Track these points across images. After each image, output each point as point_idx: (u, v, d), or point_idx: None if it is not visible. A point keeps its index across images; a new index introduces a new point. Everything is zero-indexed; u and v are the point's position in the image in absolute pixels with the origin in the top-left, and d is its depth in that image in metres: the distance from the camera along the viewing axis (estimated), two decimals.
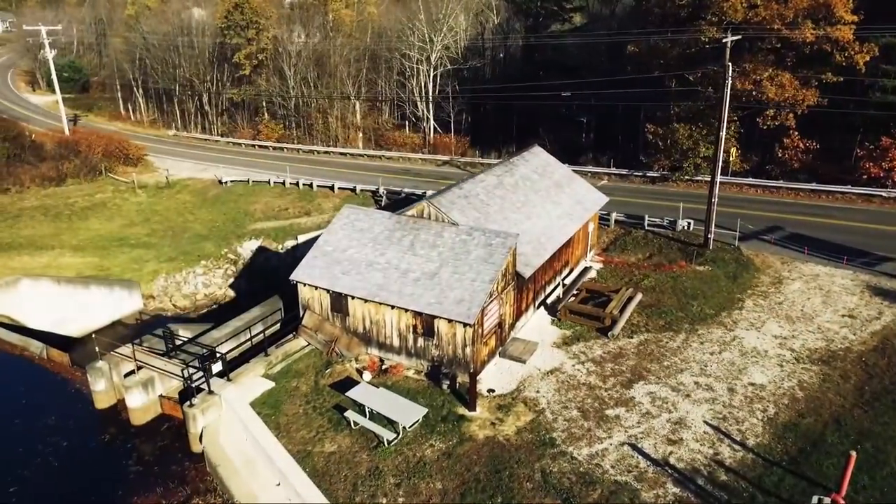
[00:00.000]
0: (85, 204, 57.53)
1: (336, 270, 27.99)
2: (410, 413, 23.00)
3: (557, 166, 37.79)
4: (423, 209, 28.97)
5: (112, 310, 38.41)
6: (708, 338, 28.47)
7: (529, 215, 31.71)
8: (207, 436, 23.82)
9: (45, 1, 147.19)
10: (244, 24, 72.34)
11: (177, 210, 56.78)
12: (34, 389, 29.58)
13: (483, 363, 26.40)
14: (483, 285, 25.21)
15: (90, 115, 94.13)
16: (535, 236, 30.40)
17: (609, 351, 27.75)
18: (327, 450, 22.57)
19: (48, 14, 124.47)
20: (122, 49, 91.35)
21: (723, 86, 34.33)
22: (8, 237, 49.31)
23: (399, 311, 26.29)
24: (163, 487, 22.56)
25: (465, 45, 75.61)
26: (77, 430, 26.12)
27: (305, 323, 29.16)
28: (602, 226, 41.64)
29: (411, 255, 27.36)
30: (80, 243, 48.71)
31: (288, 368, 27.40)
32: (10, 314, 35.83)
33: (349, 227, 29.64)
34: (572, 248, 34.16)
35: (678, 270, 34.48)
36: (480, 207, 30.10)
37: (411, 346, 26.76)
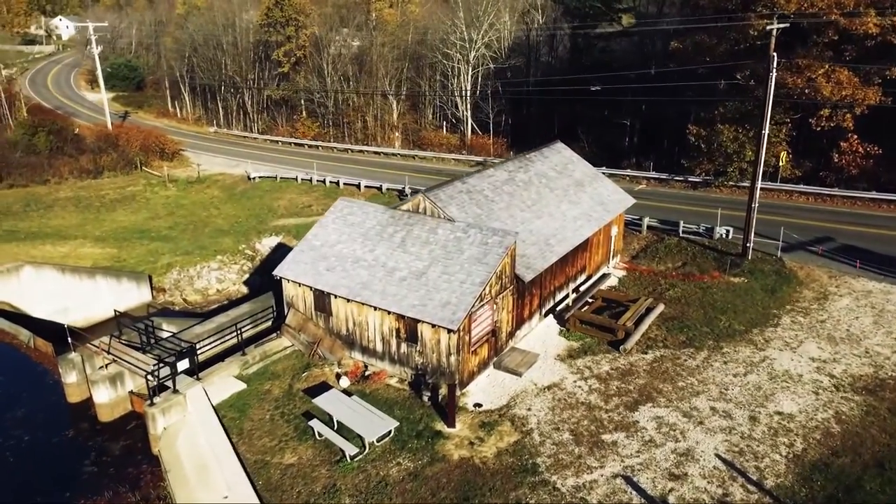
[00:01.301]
0: (115, 196, 57.67)
1: (321, 266, 25.96)
2: (378, 426, 20.66)
3: (580, 164, 34.86)
4: (419, 203, 26.67)
5: (118, 301, 37.50)
6: (733, 357, 25.08)
7: (540, 214, 28.97)
8: (166, 438, 22.07)
9: (115, 5, 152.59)
10: (284, 21, 71.89)
11: (202, 204, 56.24)
12: (13, 379, 28.65)
13: (471, 374, 23.82)
14: (472, 288, 22.67)
15: (140, 111, 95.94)
16: (543, 237, 27.65)
17: (618, 367, 24.72)
18: (286, 461, 20.45)
19: (112, 16, 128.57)
20: (172, 48, 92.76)
21: (766, 79, 30.80)
22: (36, 226, 49.57)
23: (382, 312, 24.03)
24: (112, 491, 20.89)
25: (508, 45, 73.26)
26: (43, 424, 24.85)
27: (289, 322, 27.23)
28: (633, 231, 38.43)
29: (401, 251, 25.07)
30: (103, 234, 48.47)
31: (264, 370, 25.49)
32: (11, 301, 35.38)
33: (341, 221, 27.60)
34: (590, 253, 31.19)
35: (709, 281, 31.04)
36: (483, 204, 27.57)
37: (394, 352, 24.43)
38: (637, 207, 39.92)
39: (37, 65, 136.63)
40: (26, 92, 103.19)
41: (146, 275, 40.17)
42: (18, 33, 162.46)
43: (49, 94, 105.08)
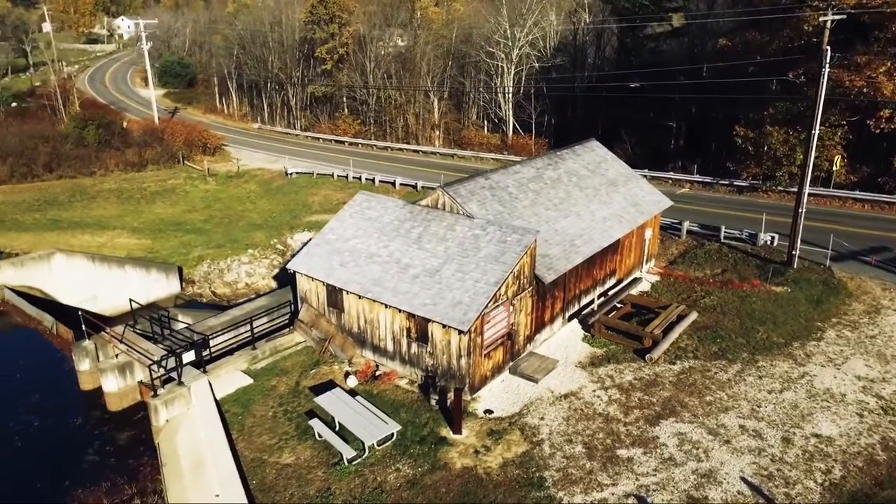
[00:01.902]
0: (156, 189, 58.52)
1: (335, 261, 25.18)
2: (379, 429, 19.68)
3: (615, 163, 33.22)
4: (438, 198, 25.63)
5: (147, 291, 37.70)
6: (769, 372, 23.18)
7: (567, 214, 27.54)
8: (167, 430, 21.60)
9: (174, 5, 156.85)
10: (328, 19, 71.96)
11: (239, 199, 56.54)
12: (33, 364, 28.82)
13: (484, 379, 22.61)
14: (486, 287, 21.49)
15: (189, 108, 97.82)
16: (568, 238, 26.23)
17: (642, 377, 23.14)
18: (283, 461, 19.68)
19: (168, 16, 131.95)
20: (221, 46, 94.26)
21: (819, 75, 28.65)
22: (78, 216, 50.58)
23: (393, 310, 23.07)
24: (111, 482, 20.52)
25: (554, 44, 71.67)
26: (54, 411, 24.78)
27: (301, 317, 26.55)
28: (671, 235, 36.54)
29: (416, 248, 24.07)
30: (140, 225, 49.09)
31: (273, 365, 24.86)
32: (42, 287, 35.82)
33: (358, 216, 26.80)
34: (620, 256, 29.58)
35: (749, 289, 29.03)
36: (507, 201, 26.33)
37: (405, 352, 23.43)
38: (678, 211, 38.12)
39: (97, 63, 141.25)
40: (84, 88, 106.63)
41: (175, 266, 40.28)
42: (83, 33, 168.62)
43: (105, 90, 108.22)
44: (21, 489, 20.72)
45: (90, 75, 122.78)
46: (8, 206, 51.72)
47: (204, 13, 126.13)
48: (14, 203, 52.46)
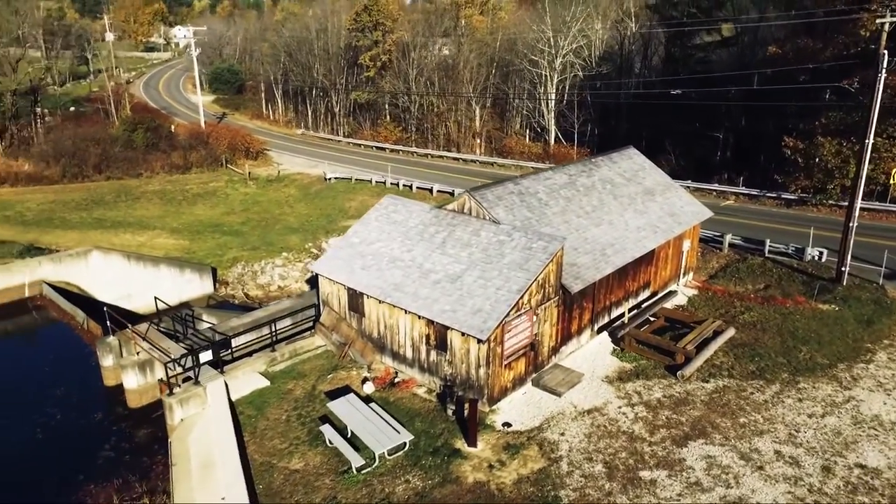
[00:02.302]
0: (198, 191, 59.45)
1: (357, 265, 24.73)
2: (389, 438, 19.02)
3: (653, 171, 31.99)
4: (464, 203, 24.97)
5: (180, 291, 38.09)
6: (811, 394, 21.65)
7: (599, 222, 26.51)
8: (180, 429, 21.39)
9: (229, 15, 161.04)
10: (371, 26, 72.33)
11: (277, 202, 56.97)
12: (62, 358, 29.20)
13: (504, 390, 21.74)
14: (508, 295, 20.68)
15: (236, 113, 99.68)
16: (599, 246, 25.20)
17: (672, 395, 21.91)
18: (293, 466, 19.20)
19: (221, 25, 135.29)
20: (268, 53, 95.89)
21: (874, 81, 26.97)
22: (122, 216, 51.66)
23: (412, 316, 22.44)
24: (122, 479, 20.39)
25: (599, 53, 70.44)
26: (77, 405, 24.96)
27: (323, 320, 26.17)
28: (713, 248, 35.02)
29: (440, 253, 23.43)
30: (179, 226, 49.80)
31: (292, 368, 24.50)
32: (79, 284, 36.53)
33: (384, 219, 26.33)
34: (655, 267, 28.33)
35: (792, 306, 27.41)
36: (536, 207, 25.47)
37: (424, 360, 22.75)
38: (721, 224, 36.61)
39: (153, 70, 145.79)
40: (139, 93, 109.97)
41: (209, 267, 40.59)
42: (142, 42, 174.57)
43: (158, 95, 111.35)
44: (36, 482, 20.79)
45: (145, 81, 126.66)
46: (58, 204, 53.19)
47: (255, 22, 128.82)
48: (63, 202, 53.94)
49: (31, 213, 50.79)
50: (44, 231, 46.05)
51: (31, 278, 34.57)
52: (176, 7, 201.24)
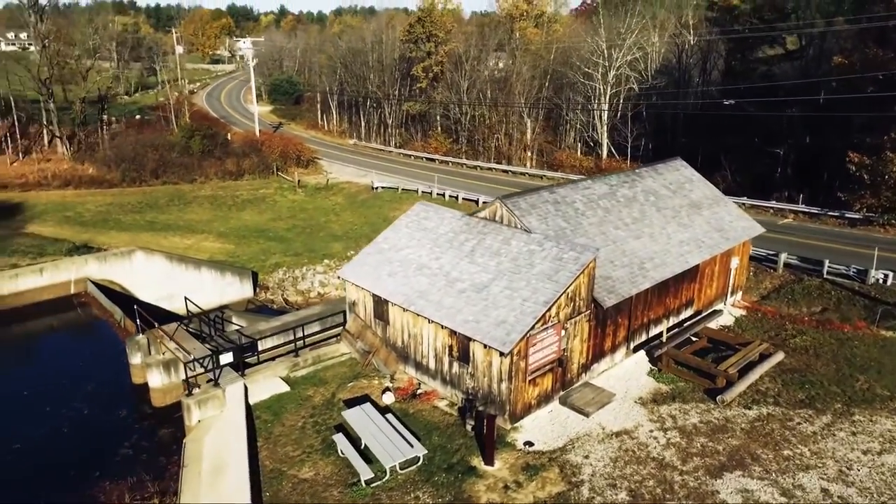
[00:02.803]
0: (248, 197, 60.40)
1: (384, 271, 24.13)
2: (401, 451, 18.19)
3: (700, 184, 30.36)
4: (496, 211, 24.10)
5: (220, 294, 38.40)
6: (867, 428, 19.75)
7: (639, 235, 25.17)
8: (197, 431, 21.13)
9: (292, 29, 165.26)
10: (424, 37, 72.49)
11: (324, 210, 57.30)
12: (97, 355, 29.62)
13: (527, 407, 20.64)
14: (534, 307, 19.66)
15: (292, 123, 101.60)
16: (637, 260, 23.87)
17: (709, 420, 20.36)
18: (302, 475, 18.60)
19: (283, 38, 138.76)
20: (325, 65, 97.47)
21: None
22: (173, 219, 52.84)
23: (436, 326, 21.64)
24: (137, 478, 20.23)
25: (656, 66, 68.55)
26: (104, 401, 25.16)
27: (348, 327, 25.64)
28: (766, 268, 33.05)
29: (468, 261, 22.60)
30: (226, 231, 50.56)
31: (313, 374, 24.01)
32: (122, 283, 37.24)
33: (414, 225, 25.70)
34: (699, 284, 26.72)
35: (851, 332, 25.35)
36: (571, 217, 24.37)
37: (446, 372, 21.89)
38: (777, 242, 34.68)
39: (217, 81, 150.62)
40: (201, 103, 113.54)
41: (249, 271, 40.82)
42: (208, 54, 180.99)
43: (220, 105, 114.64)
44: (55, 474, 20.88)
45: (209, 92, 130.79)
46: (114, 207, 54.81)
47: (317, 36, 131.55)
48: (120, 205, 55.57)
49: (89, 213, 52.47)
50: (99, 231, 47.37)
51: (76, 275, 35.43)
52: (243, 22, 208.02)
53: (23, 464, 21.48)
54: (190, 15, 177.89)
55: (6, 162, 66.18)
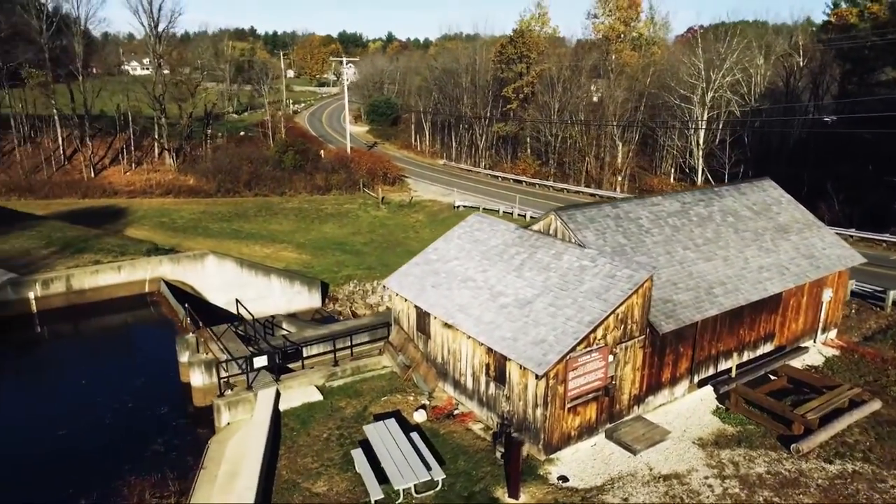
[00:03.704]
0: (331, 211, 61.40)
1: (428, 282, 22.99)
2: (416, 474, 16.76)
3: (791, 207, 27.24)
4: (550, 223, 22.46)
5: (288, 302, 38.62)
6: None
7: (710, 257, 22.67)
8: (224, 433, 20.70)
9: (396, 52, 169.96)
10: (516, 58, 71.67)
11: (403, 226, 57.20)
12: (154, 352, 30.19)
13: (566, 438, 18.67)
14: (577, 327, 17.84)
15: (387, 143, 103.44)
16: (705, 284, 21.42)
17: (779, 472, 17.59)
18: (315, 489, 17.58)
19: (385, 61, 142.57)
20: (420, 86, 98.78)
21: None
22: (257, 229, 54.39)
23: (473, 342, 20.19)
24: (161, 476, 19.92)
25: (760, 90, 64.25)
26: (150, 396, 25.33)
27: (391, 339, 24.62)
28: (871, 306, 29.22)
29: (515, 276, 21.07)
30: (305, 242, 51.34)
31: (350, 385, 23.08)
32: (193, 284, 38.18)
33: (466, 237, 24.45)
34: (782, 317, 23.71)
35: None
36: (633, 234, 22.30)
37: (483, 392, 20.32)
38: (887, 278, 30.71)
39: (321, 102, 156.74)
40: (303, 123, 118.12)
41: (318, 281, 40.85)
42: (315, 77, 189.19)
43: (320, 125, 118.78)
44: (87, 463, 21.02)
45: (312, 112, 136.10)
46: (206, 215, 57.11)
47: (419, 61, 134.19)
48: (211, 213, 57.87)
49: (182, 220, 54.89)
50: (187, 237, 49.30)
51: (151, 275, 36.66)
52: (352, 48, 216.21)
53: (61, 449, 21.84)
54: (302, 41, 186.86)
55: (121, 171, 70.88)
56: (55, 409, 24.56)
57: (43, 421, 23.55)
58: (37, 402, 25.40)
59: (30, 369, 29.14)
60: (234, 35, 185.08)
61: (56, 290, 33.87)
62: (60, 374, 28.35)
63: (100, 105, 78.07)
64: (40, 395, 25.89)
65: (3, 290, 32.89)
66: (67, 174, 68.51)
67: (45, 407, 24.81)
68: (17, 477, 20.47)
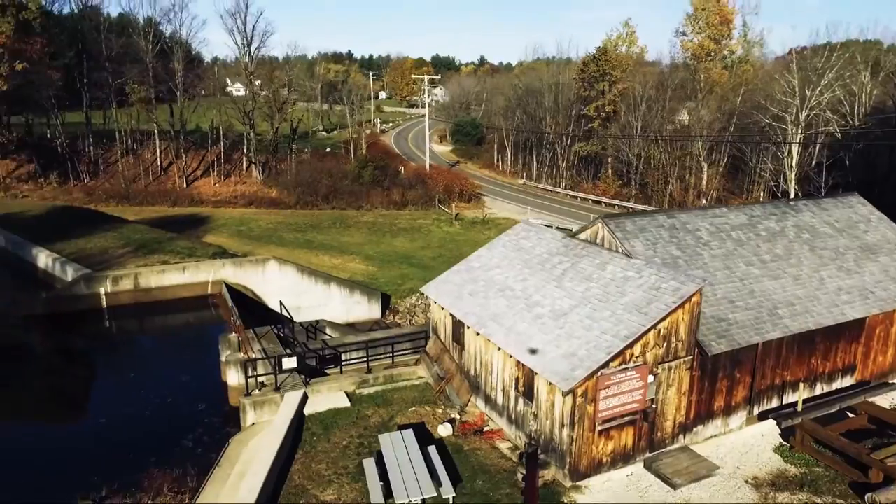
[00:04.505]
0: (405, 226, 61.40)
1: (466, 290, 21.90)
2: (420, 489, 15.53)
3: (882, 225, 24.20)
4: (597, 232, 20.90)
5: (347, 311, 38.46)
6: None
7: (778, 275, 20.33)
8: (246, 433, 20.35)
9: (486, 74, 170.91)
10: (598, 76, 69.79)
11: (473, 242, 56.16)
12: (206, 351, 30.46)
13: (596, 464, 16.93)
14: (612, 342, 16.21)
15: (469, 163, 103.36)
16: (769, 304, 19.16)
17: None
18: (323, 497, 16.74)
19: (472, 82, 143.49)
20: (503, 106, 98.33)
21: None
22: (329, 240, 55.09)
23: (504, 354, 18.87)
24: (182, 471, 19.71)
25: (865, 109, 59.13)
26: (192, 393, 25.56)
27: (428, 349, 23.61)
28: None
29: (554, 285, 19.64)
30: (374, 254, 51.41)
31: (380, 394, 22.22)
32: (253, 288, 38.72)
33: (511, 245, 23.24)
34: (865, 347, 20.89)
35: None
36: (689, 246, 20.36)
37: (512, 409, 18.91)
38: None
39: (409, 122, 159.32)
40: (389, 141, 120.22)
41: (379, 292, 40.48)
42: (406, 99, 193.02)
43: (405, 143, 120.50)
44: (117, 452, 21.18)
45: (398, 132, 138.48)
46: (282, 225, 58.49)
47: (505, 81, 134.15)
48: (287, 224, 59.22)
49: (259, 229, 56.40)
50: (260, 245, 50.47)
51: (214, 277, 37.47)
52: (444, 71, 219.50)
53: (96, 437, 22.27)
54: (394, 63, 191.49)
55: (210, 182, 74.19)
56: (100, 398, 25.16)
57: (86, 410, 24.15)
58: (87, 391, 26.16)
59: (91, 362, 30.21)
60: (332, 58, 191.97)
61: (124, 287, 35.20)
62: (116, 368, 29.20)
63: (195, 120, 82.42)
64: (92, 386, 26.66)
65: (77, 284, 34.50)
66: (162, 184, 72.41)
67: (93, 395, 25.49)
68: (46, 459, 20.89)
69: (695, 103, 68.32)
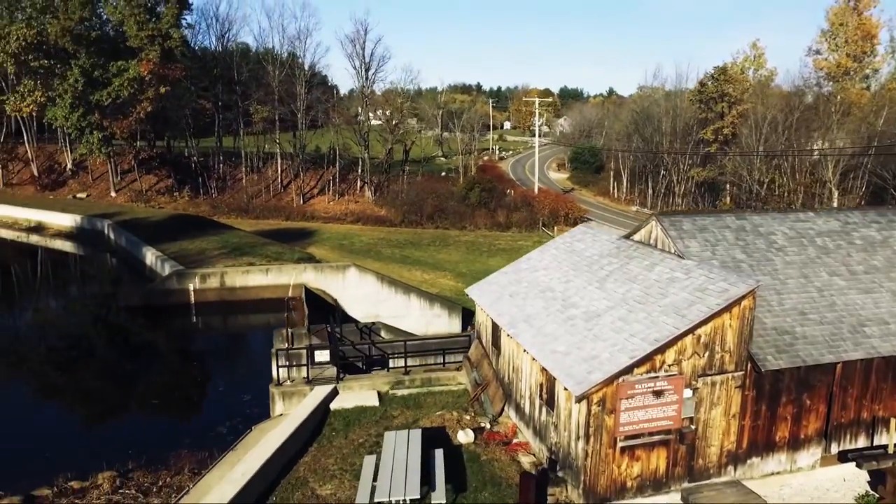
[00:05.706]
0: (504, 246, 60.30)
1: (507, 291, 20.43)
2: (403, 490, 14.11)
3: None
4: (651, 231, 18.76)
5: (426, 323, 37.83)
6: None
7: (868, 288, 17.08)
8: (270, 422, 19.98)
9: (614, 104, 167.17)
10: (717, 97, 65.40)
11: None
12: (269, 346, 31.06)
13: (618, 487, 14.69)
14: (638, 344, 14.17)
15: (584, 190, 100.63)
16: (852, 319, 16.07)
17: None
18: (320, 490, 15.85)
19: (594, 111, 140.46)
20: (620, 132, 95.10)
21: None
22: (425, 257, 55.21)
23: (531, 358, 17.17)
24: (208, 454, 19.64)
25: None
26: (241, 383, 25.95)
27: (470, 354, 22.24)
28: None
29: (596, 287, 17.76)
30: (466, 272, 50.65)
31: (413, 396, 21.09)
32: (332, 293, 39.06)
33: (564, 247, 21.53)
34: None
35: None
36: (758, 250, 17.68)
37: (537, 418, 17.09)
38: None
39: (529, 151, 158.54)
40: (507, 168, 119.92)
41: (460, 307, 39.41)
42: (528, 128, 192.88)
43: (522, 171, 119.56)
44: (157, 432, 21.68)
45: (518, 159, 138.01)
46: (383, 241, 59.43)
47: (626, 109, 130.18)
48: (388, 240, 60.09)
49: (360, 244, 57.65)
50: (358, 259, 51.23)
51: (295, 281, 38.20)
52: (571, 102, 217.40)
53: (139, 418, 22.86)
54: (519, 94, 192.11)
55: (325, 200, 77.39)
56: (158, 384, 26.06)
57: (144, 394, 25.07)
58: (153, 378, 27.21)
59: (173, 355, 31.59)
60: (459, 89, 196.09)
61: (211, 285, 36.75)
62: (188, 359, 30.26)
63: (315, 141, 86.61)
64: (159, 373, 27.69)
65: (170, 279, 36.49)
66: (281, 200, 76.50)
67: (155, 380, 26.45)
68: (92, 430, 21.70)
69: (824, 122, 62.00)
